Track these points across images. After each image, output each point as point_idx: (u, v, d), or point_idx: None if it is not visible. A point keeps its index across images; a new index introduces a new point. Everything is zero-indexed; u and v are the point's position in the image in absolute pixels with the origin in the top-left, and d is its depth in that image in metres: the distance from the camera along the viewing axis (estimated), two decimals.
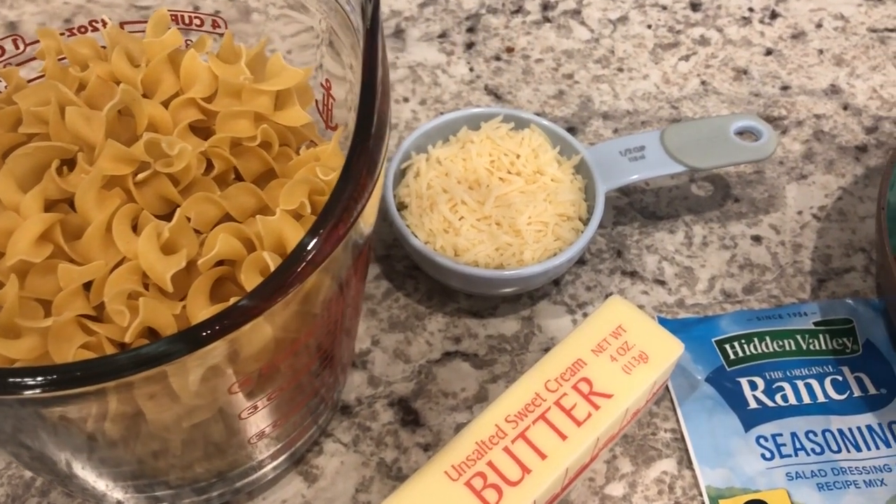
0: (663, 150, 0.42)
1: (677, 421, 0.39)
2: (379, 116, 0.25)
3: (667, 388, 0.39)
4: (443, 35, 0.53)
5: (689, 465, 0.37)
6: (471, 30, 0.54)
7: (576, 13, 0.55)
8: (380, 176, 0.25)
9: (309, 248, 0.23)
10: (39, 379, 0.21)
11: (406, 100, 0.50)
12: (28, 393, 0.21)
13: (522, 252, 0.39)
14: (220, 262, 0.28)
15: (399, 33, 0.53)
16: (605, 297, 0.42)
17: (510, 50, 0.53)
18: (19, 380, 0.21)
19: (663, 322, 0.41)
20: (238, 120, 0.30)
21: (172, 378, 0.24)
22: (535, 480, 0.32)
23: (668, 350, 0.36)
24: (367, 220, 0.28)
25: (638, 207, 0.46)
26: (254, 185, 0.29)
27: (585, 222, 0.41)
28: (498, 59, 0.52)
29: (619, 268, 0.43)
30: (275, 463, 0.35)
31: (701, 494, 0.36)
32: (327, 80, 0.32)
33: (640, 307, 0.42)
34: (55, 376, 0.21)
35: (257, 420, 0.30)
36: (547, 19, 0.54)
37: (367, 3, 0.26)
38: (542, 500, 0.33)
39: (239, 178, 0.31)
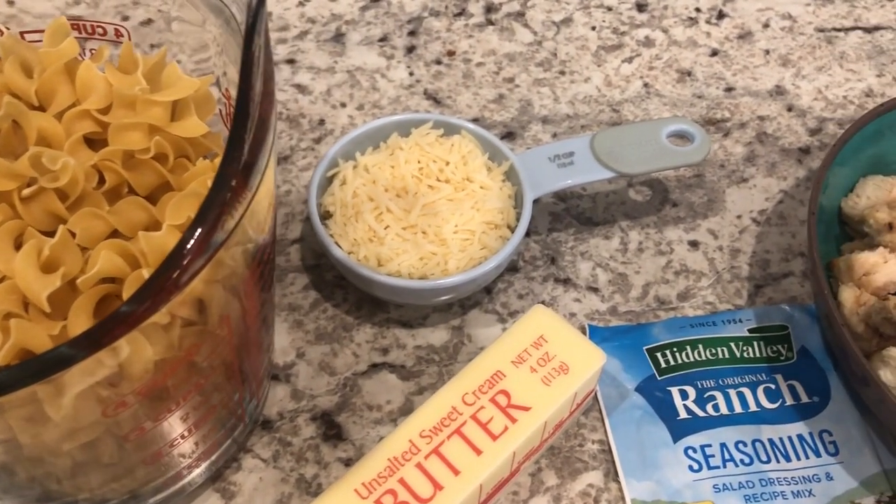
0: (593, 155, 0.41)
1: (605, 432, 0.38)
2: (260, 118, 0.24)
3: (595, 397, 0.39)
4: (383, 39, 0.52)
5: (616, 478, 0.36)
6: (412, 33, 0.53)
7: (519, 15, 0.54)
8: (262, 181, 0.25)
9: (184, 251, 0.22)
10: None
11: (343, 105, 0.49)
12: None
13: (447, 261, 0.38)
14: (106, 280, 0.27)
15: (339, 37, 0.52)
16: None
17: (451, 53, 0.52)
18: None
19: (594, 330, 0.41)
20: (130, 132, 0.29)
21: (43, 400, 0.23)
22: (446, 497, 0.32)
23: (590, 360, 0.35)
24: (256, 226, 0.27)
25: (574, 213, 0.45)
26: (143, 200, 0.29)
27: (513, 230, 0.40)
28: (439, 62, 0.51)
29: (552, 275, 0.43)
30: (188, 479, 0.34)
31: None
32: (226, 90, 0.31)
33: (572, 315, 0.41)
34: None
35: (152, 439, 0.29)
36: (490, 22, 0.54)
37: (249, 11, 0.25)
38: None
39: (134, 192, 0.30)
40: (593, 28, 0.54)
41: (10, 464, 0.27)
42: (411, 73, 0.51)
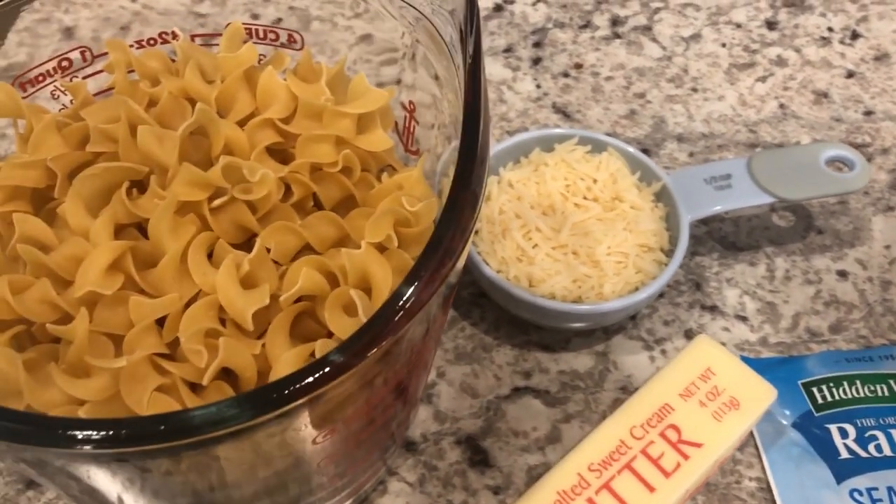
0: (751, 179, 0.39)
1: (762, 469, 0.36)
2: (481, 151, 0.23)
3: (751, 433, 0.37)
4: (508, 50, 0.51)
5: None
6: (537, 44, 0.51)
7: (646, 29, 0.52)
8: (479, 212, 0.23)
9: (406, 296, 0.21)
10: (110, 432, 0.19)
11: None
12: (88, 448, 0.19)
13: (602, 285, 0.37)
14: (300, 297, 0.26)
15: None
16: (684, 333, 0.40)
17: (579, 66, 0.50)
18: (78, 433, 0.19)
19: (746, 362, 0.39)
20: (319, 144, 0.28)
21: (256, 435, 0.22)
22: None
23: (761, 396, 0.34)
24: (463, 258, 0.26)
25: (717, 237, 0.43)
26: (334, 215, 0.27)
27: (667, 254, 0.39)
28: (566, 75, 0.50)
29: (698, 301, 0.41)
30: (335, 500, 0.33)
31: None
32: (410, 103, 0.30)
33: (722, 345, 0.40)
34: (126, 430, 0.19)
35: (331, 465, 0.28)
36: (617, 35, 0.52)
37: (467, 33, 0.24)
38: None
39: (318, 205, 0.29)
40: (723, 45, 0.52)
41: (182, 473, 0.26)
42: (538, 86, 0.49)
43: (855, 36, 0.53)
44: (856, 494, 0.35)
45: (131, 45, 0.32)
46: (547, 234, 0.38)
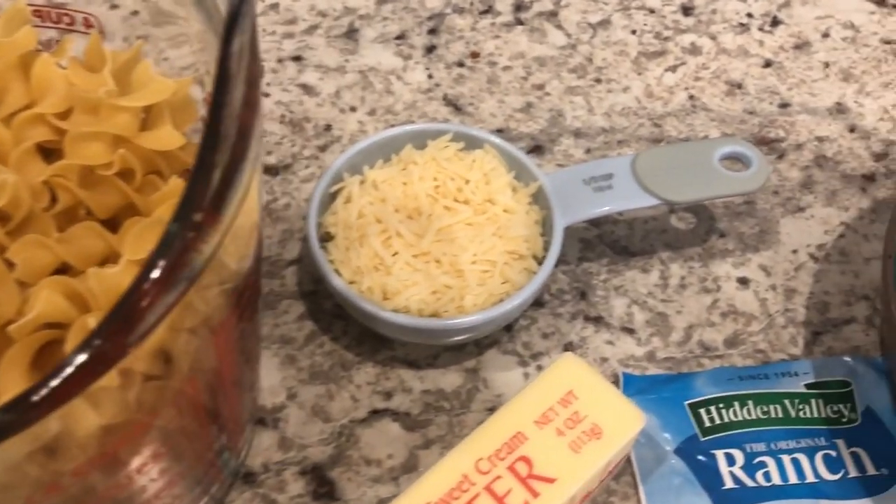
0: (634, 179, 0.36)
1: (638, 501, 0.33)
2: (239, 133, 0.19)
3: (628, 460, 0.34)
4: (401, 36, 0.47)
5: None
6: (433, 31, 0.48)
7: (552, 15, 0.49)
8: (244, 203, 0.20)
9: (134, 300, 0.17)
10: None
11: (353, 109, 0.44)
12: None
13: (463, 297, 0.33)
14: (51, 324, 0.22)
15: (352, 33, 0.47)
16: (564, 347, 0.37)
17: (475, 55, 0.47)
18: None
19: (629, 379, 0.36)
20: (91, 142, 0.24)
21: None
22: None
23: (627, 423, 0.30)
24: (236, 256, 0.23)
25: (608, 241, 0.40)
26: (100, 226, 0.24)
27: (541, 262, 0.35)
28: (461, 65, 0.46)
29: (581, 312, 0.38)
30: None
31: None
32: (209, 94, 0.26)
33: (604, 360, 0.36)
34: None
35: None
36: (519, 21, 0.48)
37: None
38: None
39: (93, 215, 0.25)
40: (633, 32, 0.48)
41: None
42: (430, 76, 0.46)
43: (775, 22, 0.49)
44: None
45: None
46: (409, 240, 0.34)
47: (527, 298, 0.33)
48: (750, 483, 0.33)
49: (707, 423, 0.35)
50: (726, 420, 0.35)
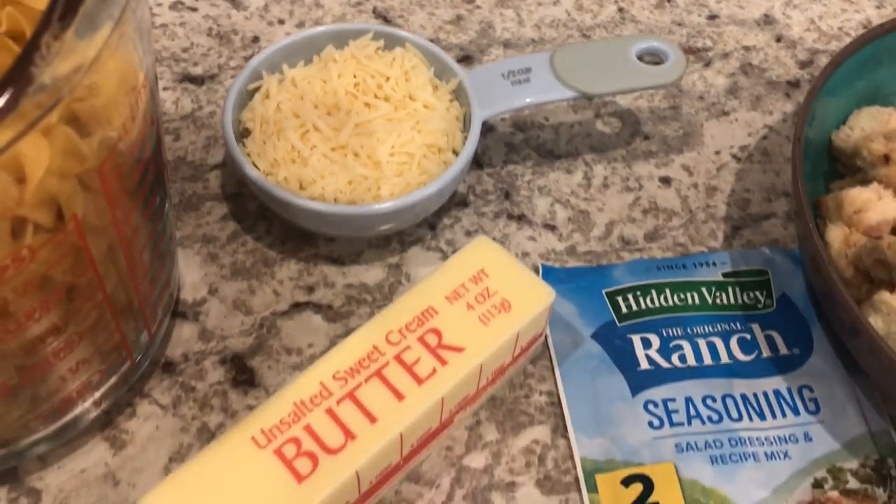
0: (552, 73, 0.36)
1: (555, 382, 0.33)
2: None
3: (546, 344, 0.34)
4: None
5: (565, 434, 0.32)
6: None
7: None
8: (104, 52, 0.20)
9: None
10: None
11: (281, 22, 0.44)
12: None
13: (379, 187, 0.34)
14: None
15: None
16: None
17: None
18: None
19: (548, 271, 0.36)
20: None
21: None
22: (359, 448, 0.27)
23: (536, 298, 0.31)
24: (114, 111, 0.23)
25: (533, 144, 0.40)
26: None
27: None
28: None
29: (505, 211, 0.38)
30: (70, 416, 0.29)
31: (575, 468, 0.31)
32: None
33: (525, 254, 0.37)
34: None
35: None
36: None
37: None
38: (372, 473, 0.28)
39: None
40: None
41: None
42: None
43: None
44: (650, 406, 0.33)
45: None
46: (327, 134, 0.35)
47: (444, 186, 0.33)
48: (665, 364, 0.34)
49: (624, 310, 0.35)
50: (643, 307, 0.35)
